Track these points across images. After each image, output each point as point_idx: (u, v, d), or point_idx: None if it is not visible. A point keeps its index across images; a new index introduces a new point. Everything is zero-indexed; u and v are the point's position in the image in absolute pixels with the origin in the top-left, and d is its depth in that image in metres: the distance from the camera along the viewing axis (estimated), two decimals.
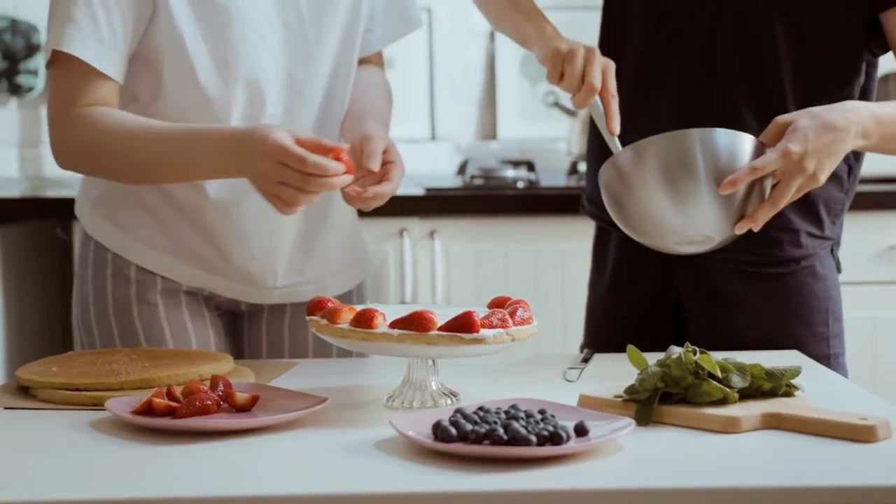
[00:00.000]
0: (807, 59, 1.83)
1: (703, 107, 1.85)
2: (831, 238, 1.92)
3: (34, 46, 3.55)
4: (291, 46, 1.76)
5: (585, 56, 1.70)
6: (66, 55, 1.67)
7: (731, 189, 1.59)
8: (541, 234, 3.05)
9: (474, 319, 1.38)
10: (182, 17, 1.69)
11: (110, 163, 1.69)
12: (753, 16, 1.82)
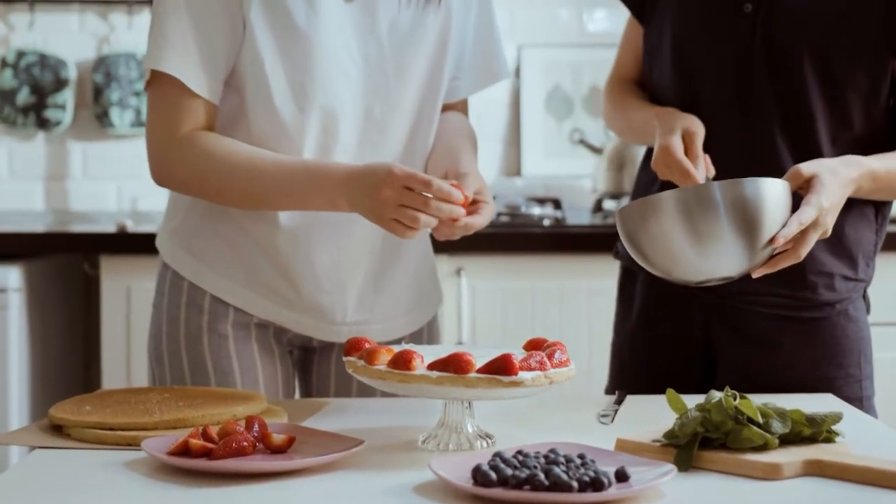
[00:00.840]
0: (838, 98, 1.84)
1: (737, 134, 1.85)
2: (864, 280, 1.92)
3: (63, 81, 3.57)
4: (370, 80, 1.77)
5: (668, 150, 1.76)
6: (165, 76, 1.69)
7: (781, 243, 1.60)
8: (567, 272, 3.04)
9: (513, 362, 1.37)
10: (263, 41, 1.70)
11: (221, 189, 1.72)
12: (784, 47, 1.83)
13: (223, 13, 1.70)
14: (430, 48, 1.80)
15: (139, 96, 3.60)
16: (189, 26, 1.69)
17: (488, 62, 1.92)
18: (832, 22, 1.82)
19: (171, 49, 1.68)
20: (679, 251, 1.61)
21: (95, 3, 3.62)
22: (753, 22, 1.85)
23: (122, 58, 3.60)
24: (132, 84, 3.59)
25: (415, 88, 1.80)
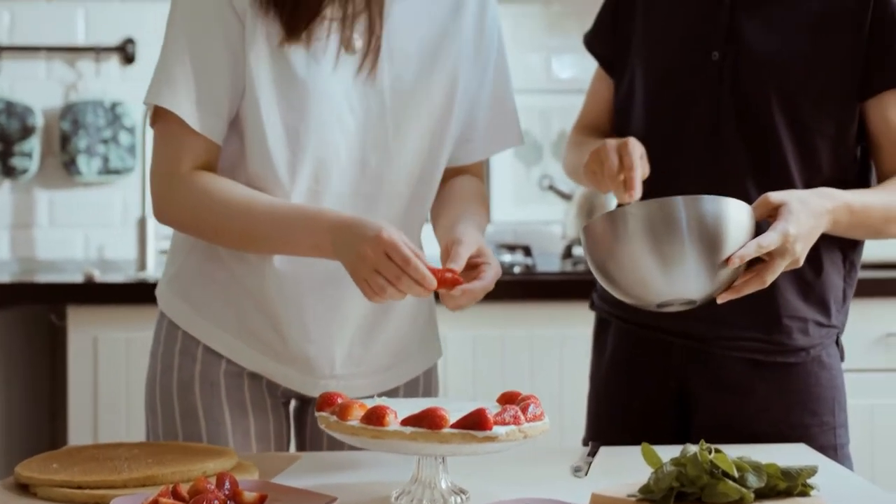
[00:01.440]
0: (806, 142, 1.85)
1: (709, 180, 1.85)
2: (837, 326, 1.93)
3: (29, 128, 3.55)
4: (368, 132, 1.76)
5: (601, 153, 1.75)
6: (167, 112, 1.70)
7: (738, 263, 1.59)
8: (538, 319, 3.04)
9: (487, 417, 1.36)
10: (262, 84, 1.71)
11: (217, 228, 1.73)
12: (752, 93, 1.85)
13: (226, 52, 1.70)
14: (434, 108, 1.79)
15: (106, 144, 3.58)
16: (190, 64, 1.69)
17: (503, 127, 1.90)
18: (798, 68, 1.83)
19: (172, 85, 1.69)
20: (641, 265, 1.59)
21: (63, 50, 3.61)
22: (720, 69, 1.86)
23: (89, 105, 3.58)
24: (100, 131, 3.58)
25: (415, 145, 1.79)
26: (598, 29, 2.06)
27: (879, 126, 1.85)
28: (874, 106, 1.85)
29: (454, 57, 1.80)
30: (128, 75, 3.63)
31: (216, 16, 1.70)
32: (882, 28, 1.82)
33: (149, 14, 3.60)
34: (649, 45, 1.94)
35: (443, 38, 1.79)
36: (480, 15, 1.83)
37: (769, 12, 1.86)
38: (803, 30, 1.84)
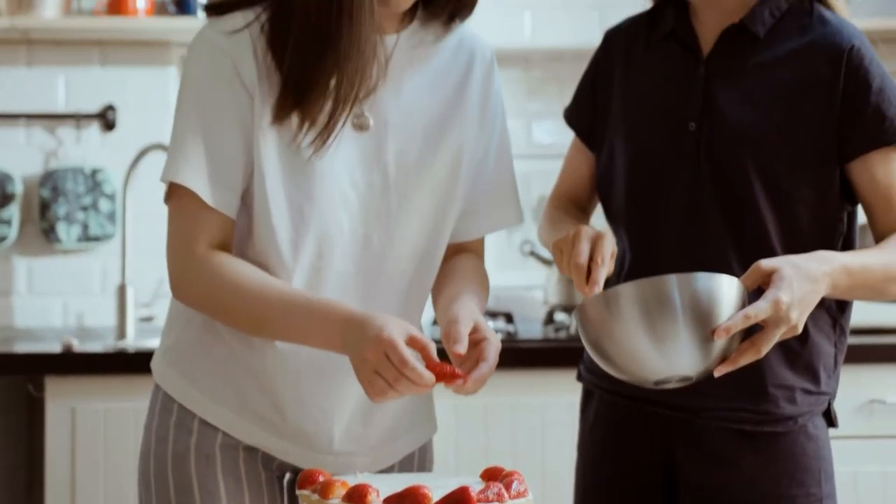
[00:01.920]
0: (785, 209, 1.85)
1: (689, 249, 1.86)
2: (827, 393, 1.92)
3: (8, 196, 3.53)
4: (371, 208, 1.76)
5: (574, 237, 1.73)
6: (181, 188, 1.69)
7: (725, 336, 1.59)
8: (520, 387, 3.02)
9: (470, 495, 1.35)
10: (268, 161, 1.70)
11: (230, 313, 1.72)
12: (729, 163, 1.85)
13: (238, 126, 1.70)
14: (437, 184, 1.79)
15: (86, 211, 3.57)
16: (203, 139, 1.69)
17: (504, 205, 1.90)
18: (772, 137, 1.84)
19: (185, 161, 1.69)
20: (635, 345, 1.60)
21: (43, 117, 3.61)
22: (698, 140, 1.87)
23: (69, 172, 3.57)
24: (79, 198, 3.56)
25: (417, 222, 1.79)
26: (577, 103, 2.07)
27: (868, 187, 1.85)
28: (859, 167, 1.85)
29: (459, 133, 1.80)
30: (108, 142, 3.62)
31: (228, 90, 1.70)
32: (855, 92, 1.83)
33: (129, 81, 3.61)
34: (627, 117, 1.95)
35: (448, 114, 1.80)
36: (485, 91, 1.84)
37: (743, 83, 1.87)
38: (777, 100, 1.85)
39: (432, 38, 1.80)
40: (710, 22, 1.91)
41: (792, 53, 1.86)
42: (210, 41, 1.72)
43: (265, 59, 1.70)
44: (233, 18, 1.72)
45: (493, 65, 1.87)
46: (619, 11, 3.64)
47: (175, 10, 3.55)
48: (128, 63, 3.61)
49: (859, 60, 1.84)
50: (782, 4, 1.89)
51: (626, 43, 2.00)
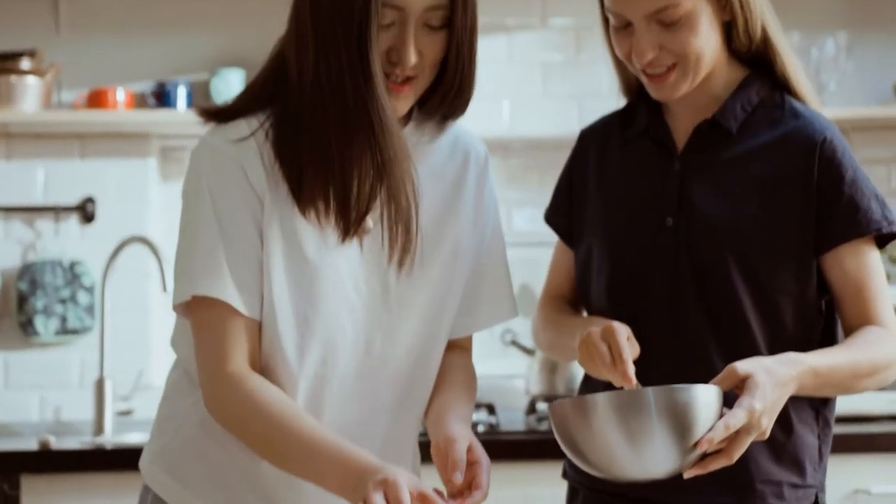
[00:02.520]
0: (767, 302, 1.85)
1: (671, 344, 1.86)
2: (814, 486, 1.90)
3: None
4: (373, 313, 1.74)
5: (589, 344, 1.76)
6: (210, 300, 1.66)
7: (707, 447, 1.60)
8: (503, 480, 2.97)
9: None
10: (274, 266, 1.69)
11: (256, 440, 1.67)
12: (708, 257, 1.86)
13: (254, 230, 1.68)
14: (436, 285, 1.78)
15: (64, 303, 3.55)
16: (224, 246, 1.67)
17: (499, 302, 1.88)
18: (750, 230, 1.85)
19: (210, 272, 1.66)
20: (610, 453, 1.60)
21: (21, 210, 3.60)
22: (676, 235, 1.87)
23: (48, 264, 3.56)
24: (58, 291, 3.55)
25: (417, 323, 1.77)
26: (556, 203, 2.08)
27: (839, 279, 1.86)
28: (831, 260, 1.86)
29: (455, 233, 1.79)
30: (87, 234, 3.61)
31: (240, 195, 1.69)
32: (829, 184, 1.84)
33: (109, 173, 3.61)
34: (605, 215, 1.96)
35: (445, 214, 1.79)
36: (479, 190, 1.84)
37: (718, 178, 1.88)
38: (753, 193, 1.86)
39: (428, 138, 1.81)
40: (683, 118, 1.93)
41: (765, 147, 1.88)
42: (217, 149, 1.71)
43: (272, 166, 1.69)
44: (237, 126, 1.71)
45: (488, 164, 1.87)
46: (596, 102, 3.70)
47: (155, 103, 3.56)
48: (108, 155, 3.62)
49: (832, 152, 1.85)
50: (753, 98, 1.91)
51: (601, 142, 2.01)
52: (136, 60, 3.65)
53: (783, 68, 1.91)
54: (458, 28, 1.69)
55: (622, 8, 1.83)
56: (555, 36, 3.78)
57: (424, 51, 1.68)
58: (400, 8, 1.65)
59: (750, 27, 1.87)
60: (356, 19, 1.62)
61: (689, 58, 1.83)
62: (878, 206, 1.85)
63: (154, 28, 3.65)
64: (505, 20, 3.75)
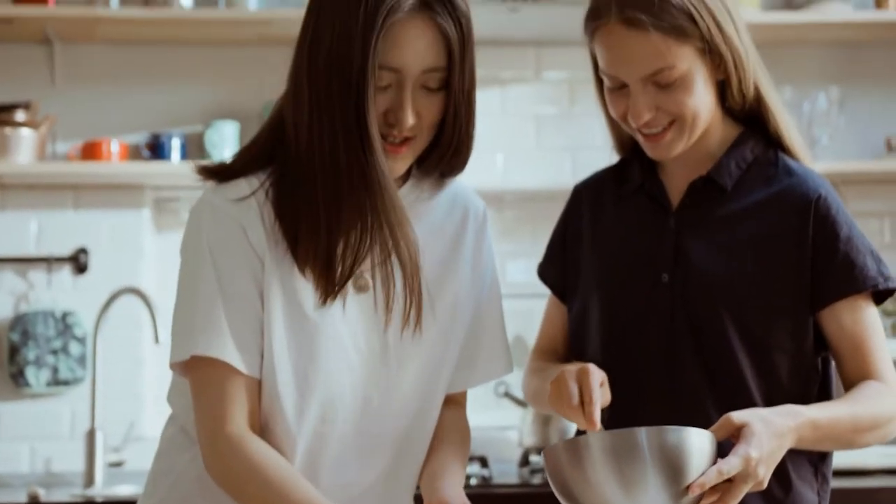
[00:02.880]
0: (763, 358, 1.85)
1: (667, 399, 1.86)
2: None
3: None
4: (372, 371, 1.73)
5: (561, 383, 1.72)
6: (210, 360, 1.65)
7: (699, 492, 1.58)
8: None
9: None
10: (274, 324, 1.68)
11: (251, 501, 1.65)
12: (704, 313, 1.86)
13: (255, 288, 1.68)
14: (434, 342, 1.77)
15: (56, 354, 3.53)
16: (223, 305, 1.66)
17: (495, 359, 1.87)
18: (746, 286, 1.85)
19: (210, 332, 1.65)
20: (603, 493, 1.58)
21: (14, 261, 3.59)
22: (671, 291, 1.87)
23: (39, 315, 3.55)
24: (49, 342, 3.53)
25: (415, 380, 1.76)
26: (549, 258, 2.08)
27: (836, 335, 1.86)
28: (828, 316, 1.86)
29: (454, 290, 1.79)
30: (80, 285, 3.60)
31: (241, 253, 1.68)
32: (824, 242, 1.85)
33: (103, 224, 3.61)
34: (600, 271, 1.96)
35: (444, 271, 1.79)
36: (477, 247, 1.84)
37: (714, 234, 1.89)
38: (748, 250, 1.86)
39: (427, 194, 1.81)
40: (678, 175, 1.93)
41: (760, 204, 1.88)
42: (217, 207, 1.70)
43: (273, 225, 1.69)
44: (237, 186, 1.71)
45: (486, 221, 1.87)
46: (590, 154, 3.72)
47: (149, 155, 3.56)
48: (101, 206, 3.62)
49: (826, 210, 1.86)
50: (748, 156, 1.91)
51: (595, 197, 2.02)
52: (130, 112, 3.66)
53: (776, 126, 1.92)
54: (455, 90, 1.69)
55: (618, 70, 1.83)
56: (549, 89, 3.80)
57: (422, 112, 1.68)
58: (397, 70, 1.64)
59: (744, 86, 1.88)
60: (353, 81, 1.62)
61: (686, 117, 1.84)
62: (873, 262, 1.86)
63: (148, 80, 3.67)
64: (500, 74, 3.78)
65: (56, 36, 3.61)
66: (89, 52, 3.67)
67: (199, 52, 3.69)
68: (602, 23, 1.83)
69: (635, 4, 1.79)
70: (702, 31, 1.81)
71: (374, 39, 1.61)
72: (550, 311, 2.08)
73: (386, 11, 1.62)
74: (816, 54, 3.88)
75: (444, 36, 1.65)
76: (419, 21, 1.64)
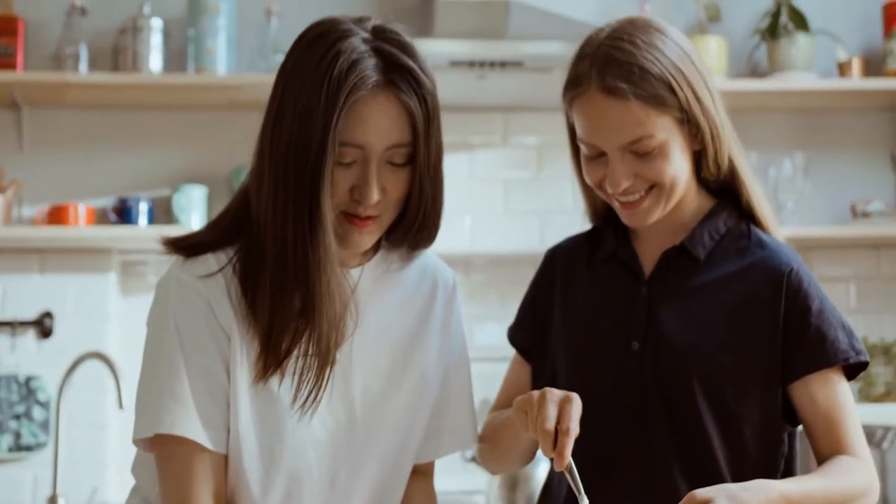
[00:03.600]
0: (732, 429, 1.84)
1: (636, 465, 1.84)
2: None
3: None
4: (338, 445, 1.72)
5: (541, 400, 1.69)
6: (171, 437, 1.63)
7: None
8: None
9: None
10: (241, 400, 1.67)
11: None
12: (675, 382, 1.85)
13: (221, 364, 1.67)
14: (401, 415, 1.77)
15: (19, 419, 3.50)
16: (189, 382, 1.65)
17: (462, 431, 1.87)
18: (716, 356, 1.85)
19: (176, 408, 1.63)
20: None
21: None
22: (642, 359, 1.87)
23: (2, 380, 3.52)
24: (12, 407, 3.50)
25: (382, 455, 1.76)
26: (519, 322, 2.07)
27: (808, 409, 1.86)
28: (800, 389, 1.85)
29: (422, 362, 1.78)
30: (44, 349, 3.58)
31: (207, 329, 1.67)
32: (796, 315, 1.85)
33: (67, 288, 3.59)
34: (571, 336, 1.95)
35: (412, 343, 1.78)
36: (446, 318, 1.84)
37: (686, 304, 1.89)
38: (720, 320, 1.86)
39: (396, 266, 1.81)
40: (651, 244, 1.94)
41: (733, 276, 1.89)
42: (183, 283, 1.69)
43: (240, 300, 1.68)
44: (205, 261, 1.70)
45: (455, 292, 1.87)
46: (558, 218, 3.74)
47: (116, 219, 3.55)
48: (67, 270, 3.60)
49: (798, 283, 1.86)
50: (721, 227, 1.92)
51: (568, 262, 2.02)
52: (98, 176, 3.65)
53: (749, 199, 1.93)
54: (421, 165, 1.68)
55: (597, 139, 1.83)
56: (517, 153, 3.82)
57: (388, 187, 1.67)
58: (361, 147, 1.64)
59: (719, 157, 1.88)
60: (310, 159, 1.62)
61: (665, 183, 1.84)
62: (845, 335, 1.86)
63: (117, 144, 3.67)
64: (468, 138, 3.80)
65: (24, 101, 3.61)
66: (57, 116, 3.67)
67: (167, 116, 3.69)
68: (582, 90, 1.83)
69: (616, 73, 1.80)
70: (680, 102, 1.81)
71: (336, 117, 1.61)
72: (515, 370, 2.06)
73: (349, 89, 1.61)
74: (782, 121, 3.93)
75: (409, 112, 1.65)
76: (383, 98, 1.64)
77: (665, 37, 1.84)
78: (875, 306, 3.89)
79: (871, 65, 3.93)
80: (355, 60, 1.62)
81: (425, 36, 3.27)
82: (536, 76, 3.49)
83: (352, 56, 1.63)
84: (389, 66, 1.64)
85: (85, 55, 3.61)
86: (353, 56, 1.63)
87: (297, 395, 1.68)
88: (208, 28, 3.59)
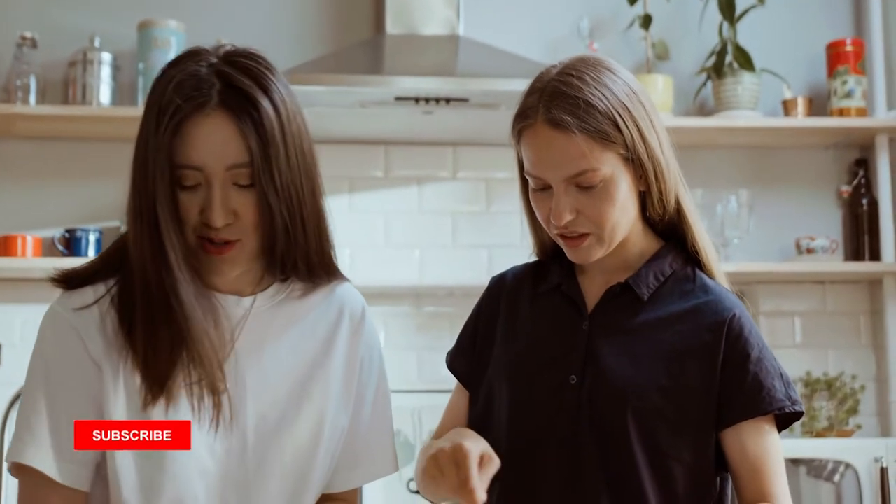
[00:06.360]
0: (663, 470, 1.85)
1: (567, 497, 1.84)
2: None
3: None
4: (229, 475, 1.70)
5: (462, 459, 1.67)
6: (26, 468, 1.63)
7: None
8: None
9: None
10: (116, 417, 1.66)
11: None
12: (610, 418, 1.85)
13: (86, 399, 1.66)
14: (299, 446, 1.74)
15: None
16: (48, 415, 1.64)
17: (379, 459, 1.86)
18: (653, 395, 1.85)
19: (30, 440, 1.63)
20: None
21: None
22: (579, 394, 1.87)
23: None
24: None
25: (279, 485, 1.73)
26: (459, 348, 2.06)
27: (737, 455, 1.86)
28: (731, 436, 1.86)
29: (322, 395, 1.77)
30: None
31: (74, 364, 1.67)
32: (735, 361, 1.86)
33: (16, 318, 3.56)
34: (509, 366, 1.95)
35: (312, 374, 1.77)
36: (352, 349, 1.83)
37: (626, 341, 1.89)
38: (660, 360, 1.87)
39: (298, 293, 1.80)
40: (596, 279, 1.95)
41: (675, 318, 1.90)
42: (57, 317, 1.70)
43: (116, 332, 1.68)
44: (82, 294, 1.70)
45: (364, 320, 1.86)
46: (507, 251, 3.76)
47: (64, 251, 3.53)
48: (14, 301, 3.57)
49: (739, 329, 1.87)
50: (666, 269, 1.93)
51: (512, 292, 2.02)
52: (46, 208, 3.64)
53: (694, 242, 1.94)
54: (263, 186, 1.65)
55: (542, 171, 1.84)
56: (466, 187, 3.85)
57: (239, 209, 1.65)
58: (199, 168, 1.63)
59: (664, 197, 1.89)
60: (148, 185, 1.63)
61: (605, 227, 1.85)
62: (781, 385, 1.86)
63: (65, 175, 3.66)
64: (416, 172, 3.81)
65: None
66: (6, 147, 3.66)
67: (116, 148, 3.68)
68: (529, 123, 1.85)
69: (562, 107, 1.81)
70: (626, 139, 1.83)
71: (164, 139, 1.62)
72: (455, 397, 2.05)
73: (173, 110, 1.62)
74: (727, 158, 3.98)
75: (242, 133, 1.64)
76: (217, 118, 1.64)
77: (614, 75, 1.87)
78: (819, 341, 3.94)
79: (816, 103, 3.99)
80: (181, 82, 1.64)
81: (374, 73, 3.28)
82: (484, 112, 3.51)
83: (181, 78, 1.64)
84: (227, 88, 1.64)
85: (34, 87, 3.60)
86: (181, 77, 1.64)
87: (200, 417, 1.66)
88: (158, 62, 3.59)
